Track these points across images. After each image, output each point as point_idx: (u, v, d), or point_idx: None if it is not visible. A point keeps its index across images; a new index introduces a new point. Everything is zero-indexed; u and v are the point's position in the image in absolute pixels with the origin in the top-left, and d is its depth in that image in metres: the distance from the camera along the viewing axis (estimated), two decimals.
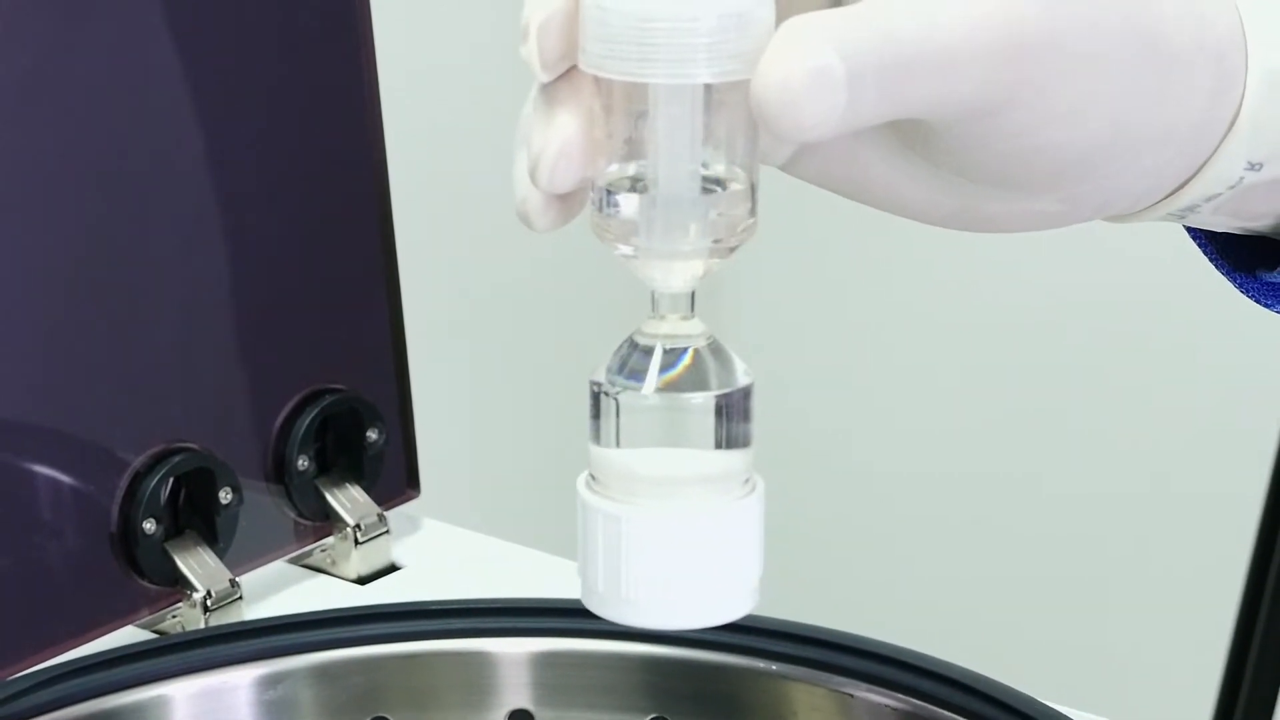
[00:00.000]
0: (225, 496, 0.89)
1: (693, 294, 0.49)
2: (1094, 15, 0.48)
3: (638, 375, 0.48)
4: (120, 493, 0.87)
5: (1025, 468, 1.61)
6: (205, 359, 0.90)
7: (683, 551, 0.49)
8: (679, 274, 0.48)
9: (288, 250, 0.93)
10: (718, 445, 0.49)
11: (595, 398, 0.49)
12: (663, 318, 0.49)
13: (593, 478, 0.50)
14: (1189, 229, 0.57)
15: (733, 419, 0.49)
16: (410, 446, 0.99)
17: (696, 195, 0.47)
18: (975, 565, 1.65)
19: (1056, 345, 1.58)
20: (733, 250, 0.48)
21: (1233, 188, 0.52)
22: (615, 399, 0.49)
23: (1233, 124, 0.51)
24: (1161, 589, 1.57)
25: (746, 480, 0.50)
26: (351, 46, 0.94)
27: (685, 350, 0.49)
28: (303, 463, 0.93)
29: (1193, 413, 1.53)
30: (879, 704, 0.72)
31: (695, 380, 0.49)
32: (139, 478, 0.87)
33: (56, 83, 0.83)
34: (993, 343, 1.60)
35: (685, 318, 0.49)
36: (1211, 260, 0.58)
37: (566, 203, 0.49)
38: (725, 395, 0.49)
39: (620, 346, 0.49)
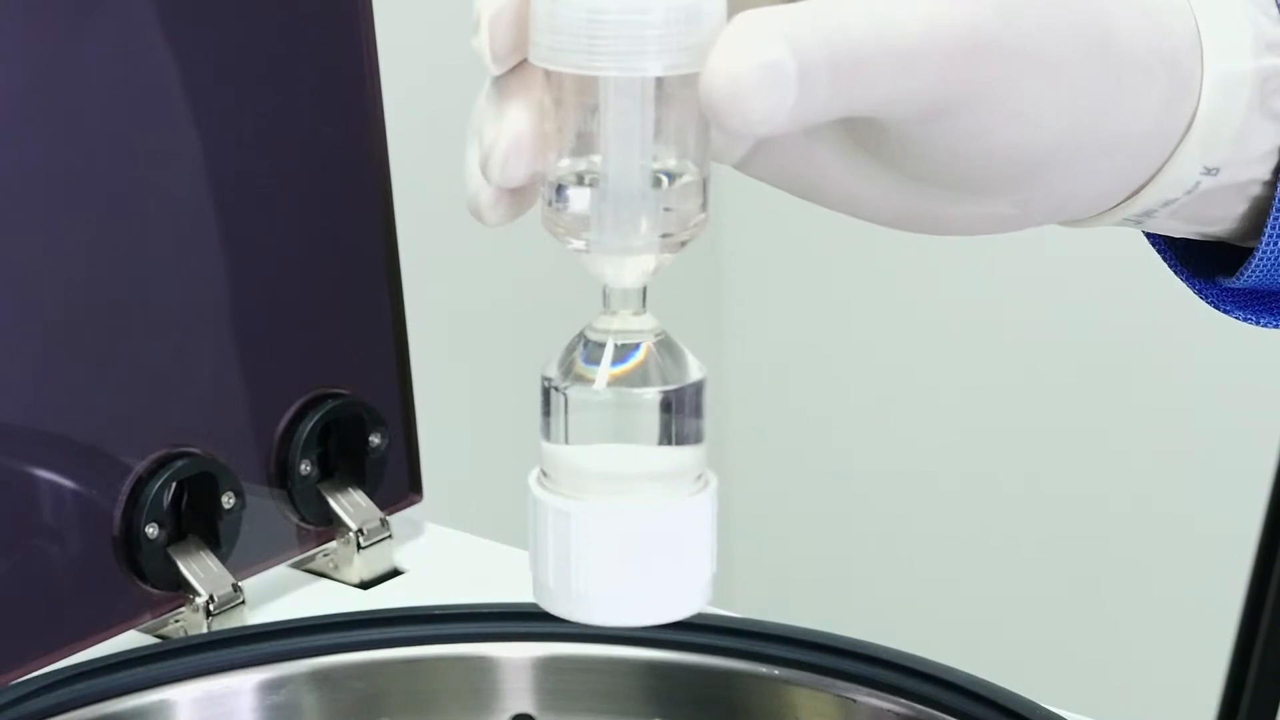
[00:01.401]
0: (228, 501, 0.89)
1: (644, 289, 0.48)
2: (1048, 18, 0.47)
3: (589, 371, 0.48)
4: (123, 497, 0.87)
5: (1029, 473, 1.61)
6: (208, 363, 0.90)
7: (632, 548, 0.48)
8: (631, 269, 0.48)
9: (290, 254, 0.93)
10: (669, 441, 0.48)
11: (546, 393, 0.48)
12: (614, 313, 0.48)
13: (544, 474, 0.49)
14: (1148, 235, 0.57)
15: (684, 415, 0.48)
16: (413, 451, 0.99)
17: (647, 190, 0.47)
18: (978, 570, 1.65)
19: (1062, 351, 1.57)
20: (684, 245, 0.48)
21: (1189, 192, 0.52)
22: (565, 394, 0.48)
23: (1189, 129, 0.51)
24: (1164, 594, 1.57)
25: (699, 477, 0.49)
26: (354, 49, 0.94)
27: (637, 346, 0.48)
28: (305, 467, 0.93)
29: (1196, 417, 1.53)
30: (881, 709, 0.72)
31: (646, 376, 0.48)
32: (141, 482, 0.87)
33: (56, 88, 0.83)
34: (997, 348, 1.60)
35: (637, 313, 0.48)
36: (1170, 266, 0.58)
37: (518, 197, 0.48)
38: (676, 391, 0.48)
39: (571, 341, 0.49)
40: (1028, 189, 0.50)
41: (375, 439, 0.95)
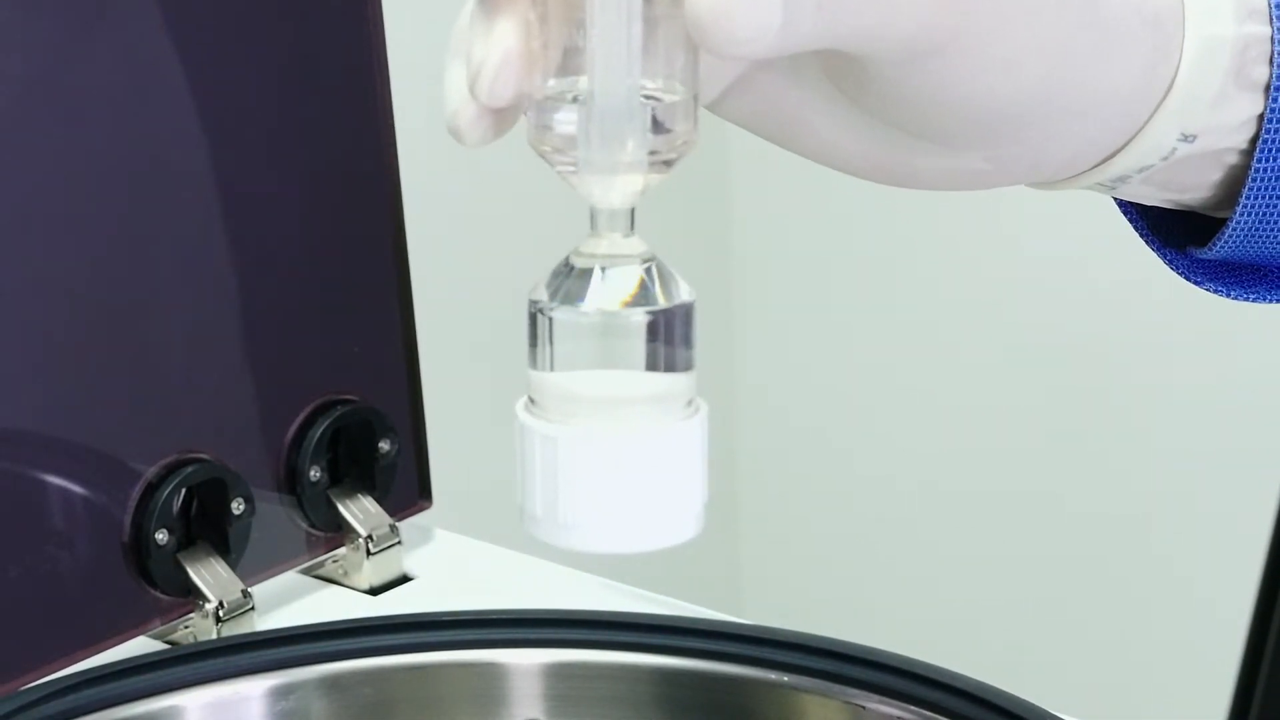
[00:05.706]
0: (237, 507, 0.89)
1: (632, 211, 0.48)
2: None
3: (576, 294, 0.47)
4: (132, 503, 0.87)
5: (1040, 482, 1.61)
6: (217, 369, 0.90)
7: (620, 472, 0.47)
8: (618, 188, 0.47)
9: (300, 260, 0.93)
10: (658, 366, 0.47)
11: (533, 318, 0.48)
12: (602, 236, 0.48)
13: (531, 400, 0.48)
14: (1120, 203, 0.57)
15: (673, 338, 0.47)
16: (422, 457, 0.99)
17: (635, 107, 0.46)
18: (989, 577, 1.65)
19: (1072, 357, 1.57)
20: (671, 165, 0.47)
21: (1165, 159, 0.52)
22: (551, 318, 0.47)
23: (1167, 93, 0.51)
24: (1173, 601, 1.57)
25: (690, 403, 0.48)
26: (364, 54, 0.94)
27: (624, 268, 0.47)
28: (315, 473, 0.93)
29: (1203, 423, 1.53)
30: (891, 715, 0.72)
31: (635, 298, 0.47)
32: (151, 488, 0.87)
33: (62, 93, 0.83)
34: (1007, 356, 1.60)
35: (625, 235, 0.48)
36: (1141, 235, 0.58)
37: (500, 116, 0.48)
38: (665, 312, 0.47)
39: (558, 265, 0.48)
40: (1003, 143, 0.50)
41: (385, 445, 0.95)
